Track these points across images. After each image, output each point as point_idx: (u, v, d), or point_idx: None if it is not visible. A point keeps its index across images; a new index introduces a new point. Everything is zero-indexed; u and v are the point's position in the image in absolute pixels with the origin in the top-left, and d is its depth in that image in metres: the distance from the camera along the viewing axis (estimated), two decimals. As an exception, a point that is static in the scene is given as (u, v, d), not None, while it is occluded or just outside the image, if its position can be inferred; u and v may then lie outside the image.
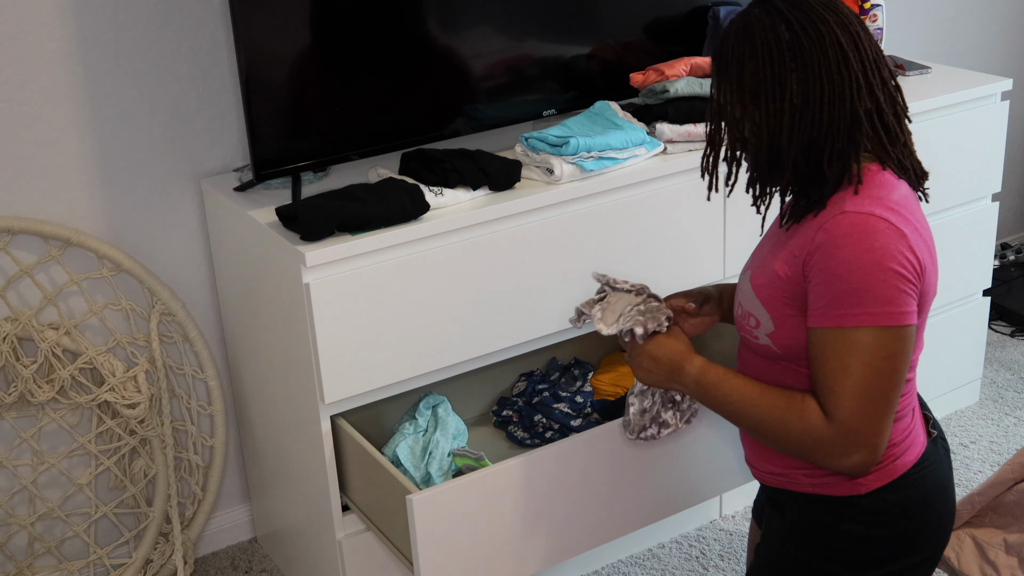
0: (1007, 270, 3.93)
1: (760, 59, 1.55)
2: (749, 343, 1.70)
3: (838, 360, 1.52)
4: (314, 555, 2.49)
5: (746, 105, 1.59)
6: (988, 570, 2.24)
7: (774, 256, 1.64)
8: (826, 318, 1.53)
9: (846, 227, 1.52)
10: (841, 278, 1.51)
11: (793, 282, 1.58)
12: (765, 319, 1.64)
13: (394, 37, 2.38)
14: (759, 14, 1.57)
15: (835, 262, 1.52)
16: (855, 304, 1.51)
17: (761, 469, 1.78)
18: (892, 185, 1.59)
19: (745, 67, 1.57)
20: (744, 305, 1.69)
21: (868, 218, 1.52)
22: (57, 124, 2.40)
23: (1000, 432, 3.21)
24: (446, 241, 2.22)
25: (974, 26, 3.79)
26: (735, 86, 1.59)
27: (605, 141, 2.37)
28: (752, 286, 1.67)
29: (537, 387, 2.69)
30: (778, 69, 1.54)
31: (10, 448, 2.53)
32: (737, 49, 1.57)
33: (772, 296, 1.62)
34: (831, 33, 1.54)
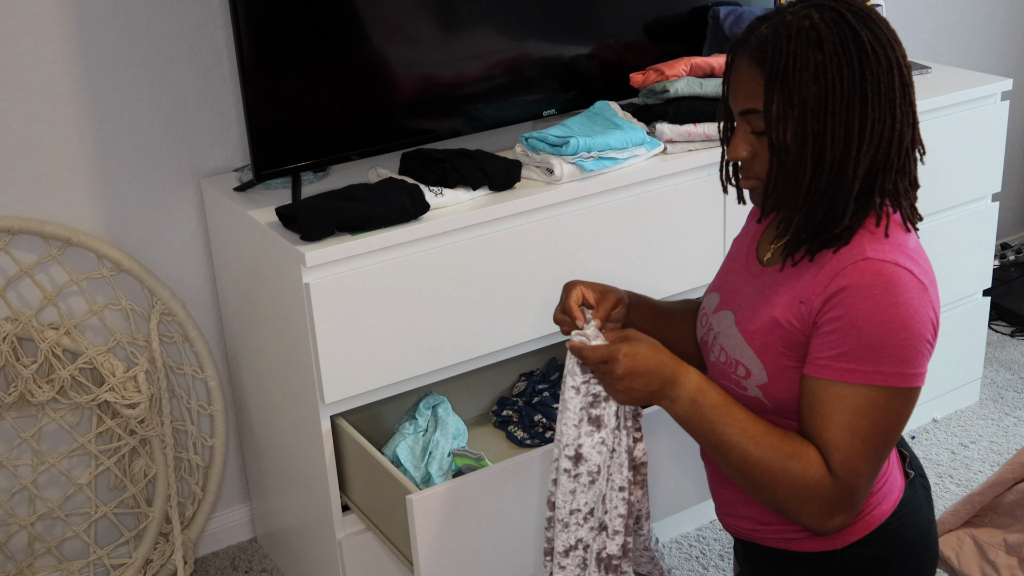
0: (1007, 270, 3.93)
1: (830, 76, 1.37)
2: (733, 393, 1.53)
3: (845, 416, 1.39)
4: (314, 555, 2.49)
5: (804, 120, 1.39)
6: (988, 570, 2.24)
7: (766, 299, 1.49)
8: (833, 371, 1.39)
9: (870, 277, 1.38)
10: (860, 331, 1.38)
11: (796, 331, 1.45)
12: (758, 369, 1.49)
13: (394, 37, 2.38)
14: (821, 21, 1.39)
15: (855, 313, 1.38)
16: (870, 361, 1.38)
17: (730, 515, 1.65)
18: (907, 235, 1.46)
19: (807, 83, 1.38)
20: (730, 352, 1.53)
21: (894, 268, 1.39)
22: (57, 124, 2.40)
23: (1000, 432, 3.21)
24: (446, 241, 2.22)
25: (974, 26, 3.79)
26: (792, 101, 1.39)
27: (605, 141, 2.37)
28: (741, 332, 1.51)
29: (537, 387, 2.69)
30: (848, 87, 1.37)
31: (10, 448, 2.53)
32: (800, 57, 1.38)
33: (768, 345, 1.47)
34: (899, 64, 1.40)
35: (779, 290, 1.48)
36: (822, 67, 1.37)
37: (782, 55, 1.39)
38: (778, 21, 1.41)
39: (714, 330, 1.59)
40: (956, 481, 2.99)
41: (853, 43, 1.38)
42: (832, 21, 1.38)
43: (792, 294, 1.46)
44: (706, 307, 1.65)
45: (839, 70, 1.37)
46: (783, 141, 1.40)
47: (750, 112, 1.43)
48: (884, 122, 1.39)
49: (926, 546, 1.60)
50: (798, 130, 1.39)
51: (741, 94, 1.44)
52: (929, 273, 1.44)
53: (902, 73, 1.40)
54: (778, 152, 1.41)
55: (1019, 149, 4.10)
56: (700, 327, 1.66)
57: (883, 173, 1.42)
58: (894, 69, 1.39)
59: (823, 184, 1.41)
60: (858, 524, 1.52)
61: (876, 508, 1.53)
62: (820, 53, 1.37)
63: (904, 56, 1.41)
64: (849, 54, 1.38)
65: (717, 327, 1.58)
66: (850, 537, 1.53)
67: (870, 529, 1.53)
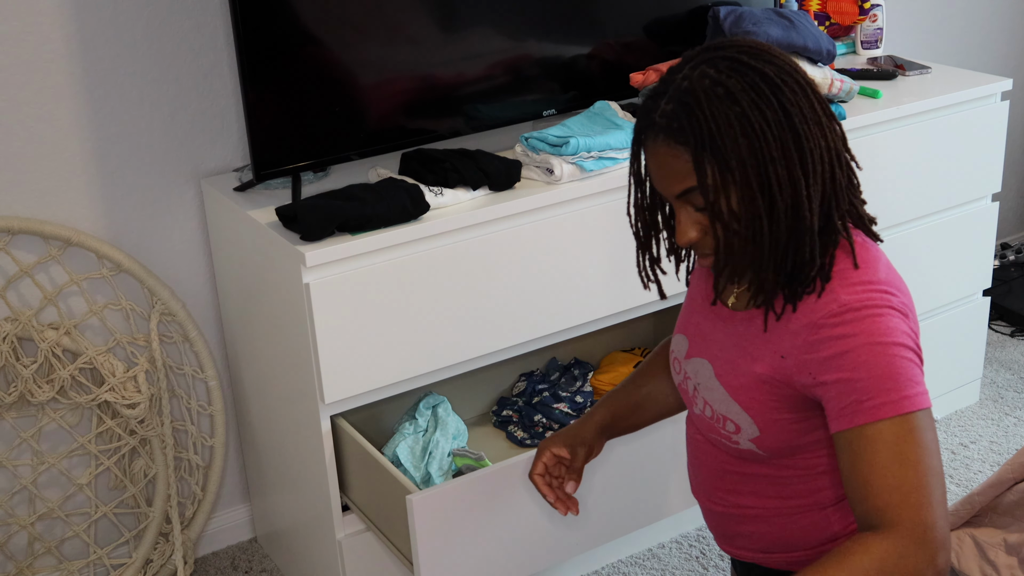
0: (1007, 270, 3.93)
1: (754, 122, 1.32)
2: (723, 446, 1.52)
3: (889, 451, 1.32)
4: (314, 555, 2.49)
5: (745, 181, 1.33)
6: (988, 570, 2.24)
7: (748, 354, 1.45)
8: (860, 415, 1.33)
9: (852, 322, 1.34)
10: (866, 370, 1.33)
11: (782, 385, 1.41)
12: (748, 424, 1.45)
13: (394, 37, 2.38)
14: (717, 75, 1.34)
15: (853, 357, 1.34)
16: (890, 391, 1.33)
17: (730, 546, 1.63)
18: (875, 259, 1.42)
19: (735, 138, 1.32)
20: (716, 407, 1.49)
21: (872, 308, 1.35)
22: (57, 124, 2.40)
23: (1000, 432, 3.21)
24: (446, 241, 2.22)
25: (974, 26, 3.79)
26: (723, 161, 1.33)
27: (605, 141, 2.37)
28: (725, 387, 1.47)
29: (537, 387, 2.69)
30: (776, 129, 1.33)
31: (10, 448, 2.53)
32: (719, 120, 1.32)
33: (756, 400, 1.44)
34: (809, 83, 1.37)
35: (758, 343, 1.44)
36: (745, 119, 1.31)
37: (700, 123, 1.32)
38: (676, 91, 1.34)
39: (692, 380, 1.55)
40: (956, 481, 2.99)
41: (763, 82, 1.33)
42: (732, 70, 1.33)
43: (772, 348, 1.41)
44: (676, 351, 1.60)
45: (763, 115, 1.32)
46: (730, 207, 1.34)
47: (687, 192, 1.36)
48: (820, 147, 1.35)
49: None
50: (743, 191, 1.33)
51: (670, 178, 1.37)
52: (904, 297, 1.40)
53: (814, 91, 1.36)
54: (725, 220, 1.35)
55: (1019, 149, 4.10)
56: (675, 374, 1.61)
57: (835, 197, 1.37)
58: (807, 91, 1.35)
59: (783, 234, 1.35)
60: None
61: None
62: (737, 106, 1.31)
63: (805, 74, 1.37)
64: (764, 95, 1.32)
65: (695, 377, 1.54)
66: None
67: None
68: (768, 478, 1.51)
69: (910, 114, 2.79)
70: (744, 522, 1.57)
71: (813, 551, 1.53)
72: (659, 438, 2.18)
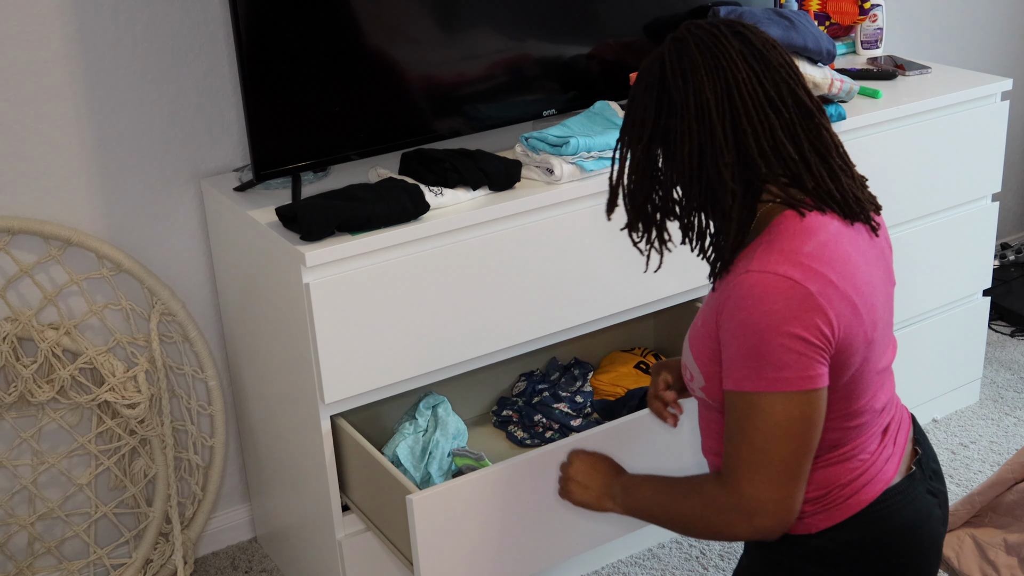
0: (1007, 270, 3.93)
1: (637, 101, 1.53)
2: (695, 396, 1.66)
3: (737, 424, 1.49)
4: (314, 555, 2.49)
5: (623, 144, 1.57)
6: (988, 570, 2.24)
7: (702, 313, 1.60)
8: (730, 381, 1.49)
9: (746, 288, 1.46)
10: (740, 341, 1.46)
11: (712, 339, 1.54)
12: (697, 374, 1.59)
13: (394, 37, 2.38)
14: (655, 53, 1.53)
15: (735, 324, 1.47)
16: (752, 369, 1.45)
17: None
18: (809, 232, 1.50)
19: (630, 105, 1.55)
20: (684, 358, 1.66)
21: (770, 278, 1.45)
22: (57, 124, 2.40)
23: (1000, 432, 3.21)
24: (446, 241, 2.22)
25: (974, 26, 3.79)
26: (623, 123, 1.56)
27: (605, 141, 2.37)
28: (688, 342, 1.63)
29: (537, 387, 2.69)
30: (648, 115, 1.51)
31: (10, 448, 2.53)
32: (632, 88, 1.55)
33: (700, 352, 1.58)
34: (698, 81, 1.47)
35: (709, 303, 1.58)
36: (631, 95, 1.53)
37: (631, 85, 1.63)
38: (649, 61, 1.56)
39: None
40: (956, 481, 2.99)
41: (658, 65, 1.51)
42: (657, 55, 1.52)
43: (714, 306, 1.54)
44: None
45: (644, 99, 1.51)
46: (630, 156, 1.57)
47: None
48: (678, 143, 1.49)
49: (917, 540, 1.61)
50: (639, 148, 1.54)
51: None
52: (822, 275, 1.46)
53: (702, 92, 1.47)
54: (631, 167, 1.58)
55: (1019, 149, 4.10)
56: None
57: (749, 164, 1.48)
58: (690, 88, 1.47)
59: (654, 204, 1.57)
60: (829, 511, 1.57)
61: (852, 496, 1.57)
62: (637, 85, 1.53)
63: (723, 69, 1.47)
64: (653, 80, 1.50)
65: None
66: (821, 523, 1.58)
67: (845, 516, 1.57)
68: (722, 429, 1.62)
69: (910, 114, 2.79)
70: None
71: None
72: (658, 439, 2.18)
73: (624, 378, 2.68)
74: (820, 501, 1.57)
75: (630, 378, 2.69)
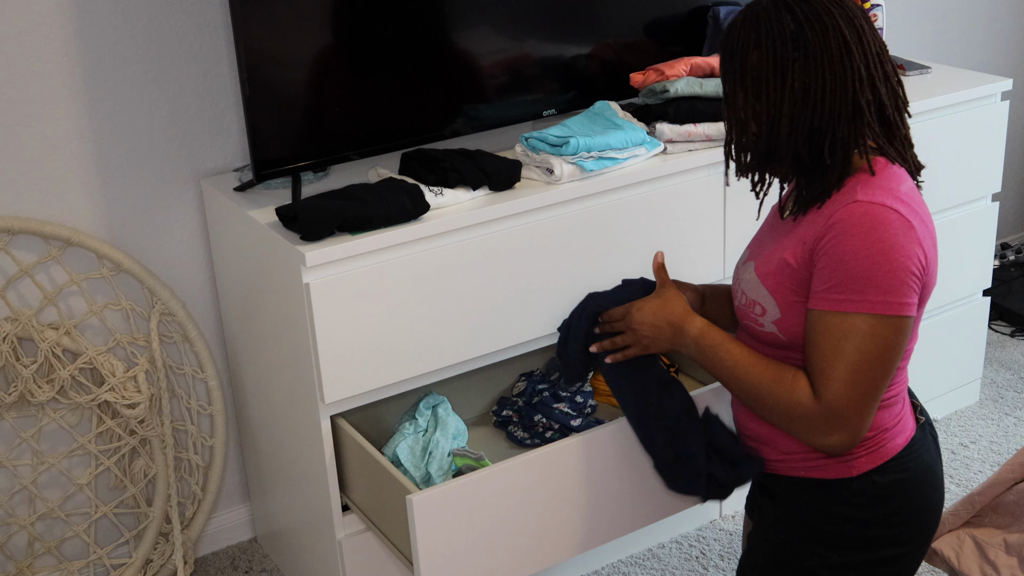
0: (1007, 270, 3.93)
1: (764, 48, 1.58)
2: (754, 331, 1.73)
3: (833, 343, 1.57)
4: (314, 555, 2.49)
5: (748, 94, 1.62)
6: (988, 570, 2.24)
7: (780, 245, 1.68)
8: (826, 301, 1.57)
9: (858, 216, 1.56)
10: (847, 264, 1.55)
11: (802, 269, 1.62)
12: (772, 306, 1.67)
13: (394, 37, 2.38)
14: (766, 5, 1.60)
15: (843, 248, 1.55)
16: (857, 291, 1.54)
17: (756, 448, 1.82)
18: (900, 177, 1.63)
19: (749, 56, 1.60)
20: (749, 294, 1.72)
21: (880, 208, 1.56)
22: (57, 124, 2.40)
23: (1000, 432, 3.21)
24: (446, 241, 2.22)
25: (974, 26, 3.79)
26: (739, 75, 1.62)
27: (605, 141, 2.37)
28: (758, 275, 1.70)
29: (537, 387, 2.68)
30: (780, 58, 1.58)
31: (10, 448, 2.53)
32: (742, 38, 1.61)
33: (780, 284, 1.65)
34: (835, 25, 1.57)
35: (790, 235, 1.66)
36: (756, 42, 1.59)
37: (728, 40, 1.63)
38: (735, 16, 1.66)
39: (738, 278, 1.79)
40: (956, 481, 2.99)
41: (788, 15, 1.58)
42: (772, 3, 1.60)
43: (799, 237, 1.63)
44: (738, 263, 1.84)
45: (772, 42, 1.58)
46: (736, 112, 1.65)
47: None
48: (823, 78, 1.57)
49: (933, 484, 1.76)
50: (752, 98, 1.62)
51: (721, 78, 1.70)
52: (919, 213, 1.60)
53: (842, 34, 1.57)
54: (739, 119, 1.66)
55: (1019, 149, 4.10)
56: (733, 282, 1.84)
57: (833, 124, 1.58)
58: (829, 31, 1.57)
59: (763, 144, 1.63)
60: (873, 454, 1.69)
61: (890, 442, 1.70)
62: (756, 30, 1.59)
63: (850, 20, 1.59)
64: (783, 26, 1.57)
65: (741, 275, 1.78)
66: (865, 466, 1.69)
67: (884, 460, 1.69)
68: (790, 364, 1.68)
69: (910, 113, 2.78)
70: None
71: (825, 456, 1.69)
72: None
73: (624, 378, 2.68)
74: (867, 443, 1.69)
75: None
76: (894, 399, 1.71)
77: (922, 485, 1.73)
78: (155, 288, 2.52)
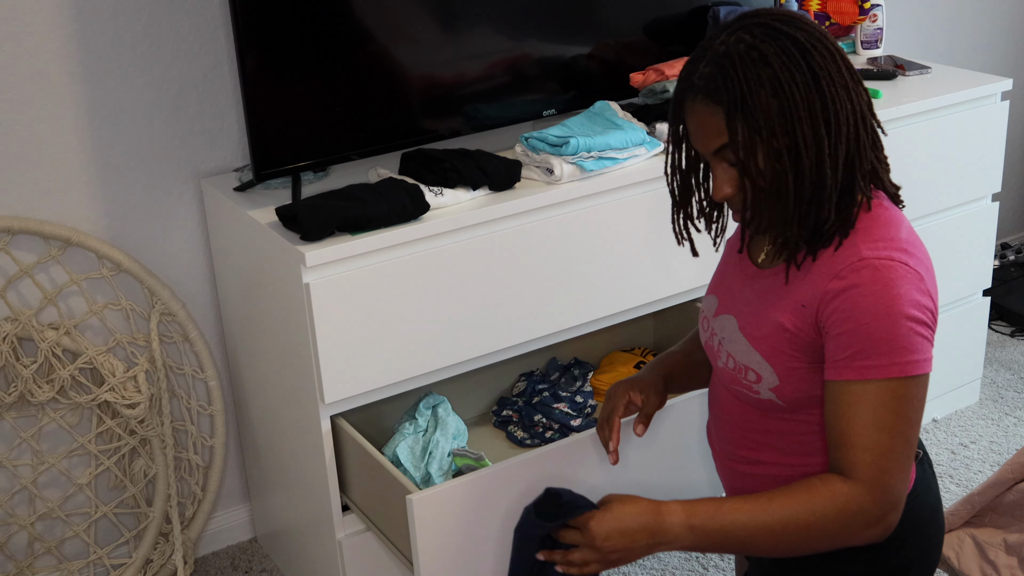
0: (1007, 270, 3.93)
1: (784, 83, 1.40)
2: (747, 398, 1.58)
3: (869, 412, 1.43)
4: (314, 555, 2.49)
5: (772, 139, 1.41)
6: (988, 570, 2.24)
7: (770, 305, 1.53)
8: (853, 370, 1.43)
9: (867, 276, 1.43)
10: (868, 328, 1.42)
11: (802, 333, 1.48)
12: (768, 373, 1.52)
13: (394, 37, 2.38)
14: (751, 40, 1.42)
15: (859, 312, 1.42)
16: (884, 354, 1.42)
17: None
18: (898, 221, 1.50)
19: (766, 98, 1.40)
20: (738, 358, 1.56)
21: (890, 264, 1.43)
22: (57, 124, 2.40)
23: (1000, 432, 3.21)
24: (446, 241, 2.22)
25: (974, 26, 3.79)
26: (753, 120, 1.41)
27: (605, 141, 2.37)
28: (747, 338, 1.55)
29: (537, 387, 2.69)
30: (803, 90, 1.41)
31: (10, 448, 2.53)
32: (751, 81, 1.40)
33: (776, 350, 1.51)
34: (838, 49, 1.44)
35: (781, 294, 1.51)
36: (775, 80, 1.40)
37: (734, 83, 1.41)
38: (714, 55, 1.43)
39: (717, 335, 1.62)
40: (956, 481, 2.99)
41: (794, 47, 1.41)
42: (766, 36, 1.42)
43: (795, 299, 1.49)
44: (706, 311, 1.67)
45: (792, 77, 1.41)
46: (757, 164, 1.43)
47: (722, 148, 1.45)
48: (846, 109, 1.43)
49: (936, 524, 1.65)
50: (770, 148, 1.42)
51: (707, 135, 1.46)
52: (924, 260, 1.48)
53: (842, 57, 1.45)
54: (753, 176, 1.44)
55: (1019, 149, 4.10)
56: (703, 332, 1.68)
57: (859, 157, 1.45)
58: (835, 56, 1.43)
59: (807, 190, 1.44)
60: None
61: None
62: (768, 68, 1.40)
63: (834, 40, 1.45)
64: (795, 59, 1.41)
65: (720, 332, 1.61)
66: None
67: None
68: (788, 434, 1.56)
69: (910, 114, 2.79)
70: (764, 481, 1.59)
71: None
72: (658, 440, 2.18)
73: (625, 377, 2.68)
74: None
75: (630, 378, 2.69)
76: None
77: (927, 528, 1.62)
78: (155, 288, 2.52)
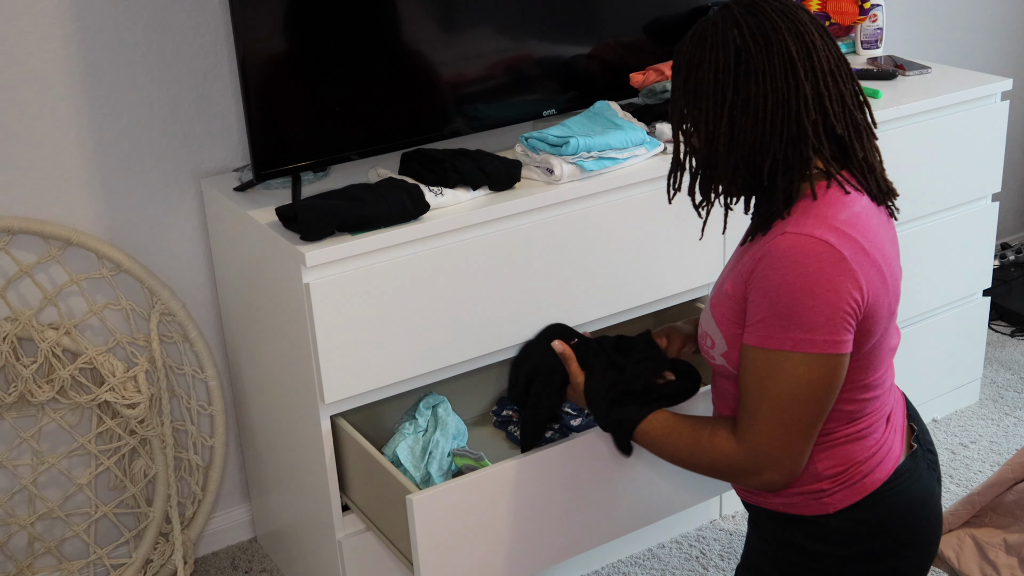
0: (1007, 270, 3.93)
1: (707, 62, 1.54)
2: (710, 364, 1.69)
3: (757, 381, 1.52)
4: (314, 555, 2.49)
5: (690, 108, 1.58)
6: (988, 570, 2.24)
7: (727, 276, 1.64)
8: (753, 337, 1.52)
9: (784, 248, 1.49)
10: (771, 300, 1.49)
11: (739, 300, 1.57)
12: (719, 339, 1.62)
13: (394, 37, 2.38)
14: (715, 19, 1.57)
15: (768, 283, 1.50)
16: (781, 328, 1.49)
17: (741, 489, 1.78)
18: (843, 203, 1.54)
19: (693, 70, 1.56)
20: (703, 325, 1.68)
21: (807, 240, 1.49)
22: (57, 124, 2.40)
23: (1000, 432, 3.21)
24: (446, 241, 2.22)
25: (974, 26, 3.79)
26: (683, 89, 1.58)
27: (605, 141, 2.37)
28: (710, 307, 1.66)
29: (537, 387, 2.68)
30: (723, 73, 1.53)
31: (10, 448, 2.53)
32: (688, 52, 1.57)
33: (724, 316, 1.61)
34: (781, 41, 1.51)
35: (736, 266, 1.61)
36: (700, 56, 1.55)
37: (677, 52, 1.60)
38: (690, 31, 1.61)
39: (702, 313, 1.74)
40: (956, 481, 2.99)
41: (735, 29, 1.53)
42: (721, 17, 1.55)
43: (740, 268, 1.58)
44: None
45: (715, 57, 1.53)
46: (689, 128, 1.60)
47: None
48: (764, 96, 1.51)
49: (925, 515, 1.67)
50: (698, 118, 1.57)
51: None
52: (858, 241, 1.51)
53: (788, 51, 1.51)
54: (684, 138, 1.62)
55: (1019, 149, 4.10)
56: None
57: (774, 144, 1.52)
58: (773, 47, 1.51)
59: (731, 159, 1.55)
60: (848, 489, 1.61)
61: (867, 476, 1.62)
62: (702, 44, 1.56)
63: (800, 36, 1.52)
64: (727, 40, 1.53)
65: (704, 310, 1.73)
66: (841, 502, 1.62)
67: (862, 495, 1.62)
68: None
69: (910, 114, 2.79)
70: None
71: (798, 494, 1.63)
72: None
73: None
74: (839, 478, 1.61)
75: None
76: (865, 431, 1.62)
77: (910, 517, 1.65)
78: (155, 288, 2.52)
